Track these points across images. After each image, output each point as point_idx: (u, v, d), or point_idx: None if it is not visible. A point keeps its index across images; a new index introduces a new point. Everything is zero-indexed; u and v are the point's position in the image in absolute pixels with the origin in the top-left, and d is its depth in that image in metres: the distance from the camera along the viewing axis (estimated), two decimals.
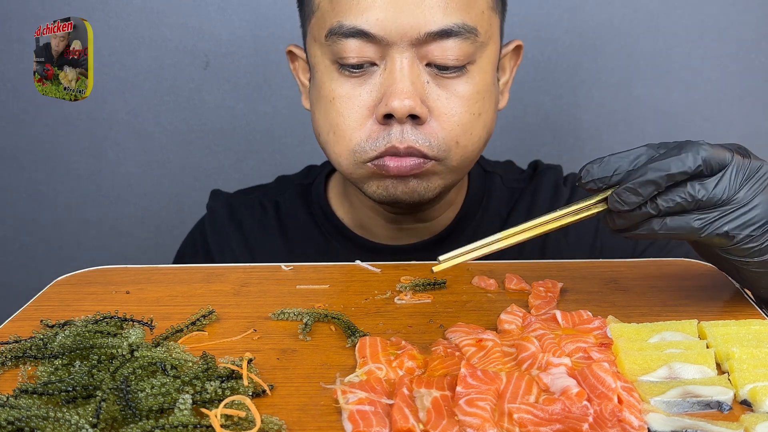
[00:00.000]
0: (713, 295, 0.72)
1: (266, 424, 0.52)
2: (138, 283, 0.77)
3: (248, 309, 0.71)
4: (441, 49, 0.78)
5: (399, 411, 0.52)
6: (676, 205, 0.60)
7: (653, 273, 0.77)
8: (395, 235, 0.96)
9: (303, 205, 1.00)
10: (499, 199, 0.98)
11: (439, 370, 0.59)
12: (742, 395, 0.55)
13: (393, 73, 0.78)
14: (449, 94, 0.80)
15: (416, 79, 0.79)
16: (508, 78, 0.92)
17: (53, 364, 0.59)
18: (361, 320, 0.69)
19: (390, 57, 0.78)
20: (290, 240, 0.99)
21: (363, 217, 0.96)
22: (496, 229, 0.96)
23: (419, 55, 0.79)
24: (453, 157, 0.82)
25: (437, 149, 0.80)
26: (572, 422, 0.51)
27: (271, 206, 1.01)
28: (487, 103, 0.83)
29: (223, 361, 0.59)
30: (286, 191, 1.02)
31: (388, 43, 0.78)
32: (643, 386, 0.55)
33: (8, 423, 0.49)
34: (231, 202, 1.03)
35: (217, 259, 0.99)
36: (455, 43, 0.78)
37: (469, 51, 0.79)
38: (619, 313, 0.68)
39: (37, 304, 0.73)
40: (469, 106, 0.81)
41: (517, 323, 0.67)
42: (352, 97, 0.81)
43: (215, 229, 1.01)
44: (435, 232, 0.95)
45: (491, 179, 1.00)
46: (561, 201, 0.98)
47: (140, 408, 0.52)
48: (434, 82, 0.80)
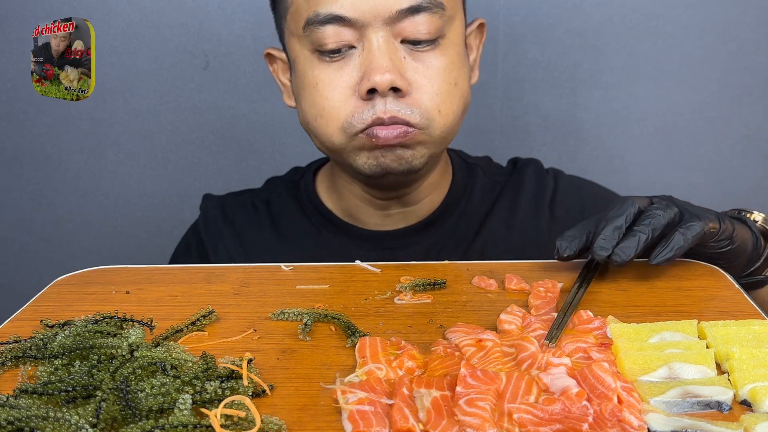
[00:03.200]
0: (713, 295, 0.72)
1: (266, 424, 0.52)
2: (138, 283, 0.77)
3: (248, 309, 0.71)
4: (413, 25, 0.83)
5: (399, 411, 0.52)
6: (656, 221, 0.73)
7: (653, 273, 0.77)
8: (383, 221, 0.99)
9: (293, 200, 1.03)
10: (483, 189, 1.02)
11: (439, 370, 0.59)
12: (741, 395, 0.55)
13: (371, 51, 0.83)
14: (426, 66, 0.85)
15: (393, 55, 0.83)
16: (476, 55, 0.96)
17: (53, 364, 0.59)
18: (361, 320, 0.69)
19: (366, 38, 0.83)
20: (282, 234, 1.01)
21: (351, 206, 0.99)
22: (480, 217, 1.01)
23: (394, 33, 0.83)
24: (436, 126, 0.86)
25: (420, 117, 0.84)
26: (572, 422, 0.51)
27: (262, 204, 1.04)
28: (461, 73, 0.88)
29: (223, 361, 0.59)
30: (275, 190, 1.06)
31: (364, 24, 0.82)
32: (643, 386, 0.55)
33: (8, 423, 0.49)
34: (223, 203, 1.06)
35: (211, 257, 1.02)
36: (425, 18, 0.83)
37: (438, 25, 0.84)
38: (619, 313, 0.68)
39: (37, 304, 0.73)
40: (445, 76, 0.85)
41: (517, 323, 0.67)
42: (335, 79, 0.85)
43: (209, 229, 1.04)
44: (422, 217, 0.98)
45: (473, 170, 1.03)
46: (546, 190, 1.01)
47: (140, 408, 0.53)
48: (410, 57, 0.84)
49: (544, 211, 1.00)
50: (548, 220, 0.99)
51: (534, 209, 1.00)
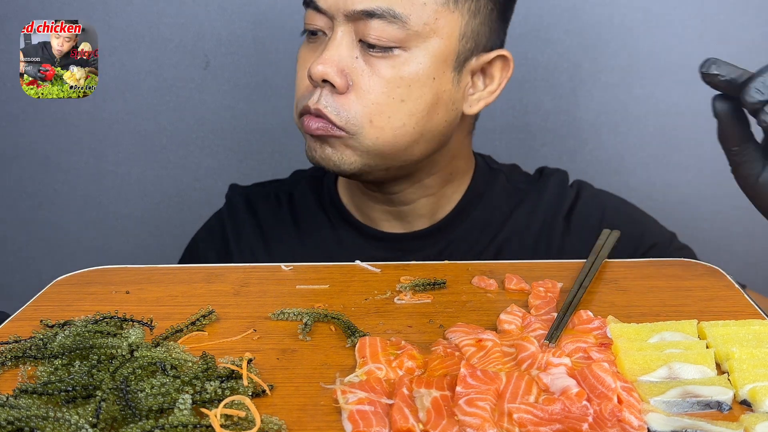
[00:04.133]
0: (713, 295, 0.72)
1: (266, 424, 0.52)
2: (138, 283, 0.77)
3: (248, 309, 0.71)
4: (368, 28, 0.83)
5: (399, 411, 0.52)
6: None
7: (653, 273, 0.77)
8: (396, 223, 0.99)
9: (314, 195, 1.04)
10: (500, 195, 1.00)
11: (439, 370, 0.59)
12: (741, 395, 0.55)
13: (329, 42, 0.84)
14: (372, 72, 0.84)
15: (346, 51, 0.84)
16: (495, 88, 0.91)
17: (53, 364, 0.59)
18: (361, 320, 0.69)
19: (333, 28, 0.84)
20: (302, 229, 1.02)
21: (364, 205, 0.99)
22: (496, 223, 0.98)
23: (356, 30, 0.84)
24: (366, 135, 0.84)
25: (345, 120, 0.84)
26: (572, 422, 0.51)
27: (285, 197, 1.05)
28: (415, 93, 0.84)
29: (223, 361, 0.59)
30: (299, 183, 1.06)
31: (330, 15, 0.84)
32: (643, 386, 0.55)
33: (8, 423, 0.49)
34: (248, 193, 1.08)
35: (233, 244, 1.03)
36: (378, 24, 0.82)
37: (393, 35, 0.82)
38: (619, 313, 0.68)
39: (37, 304, 0.73)
40: (388, 88, 0.83)
41: (516, 323, 0.67)
42: (306, 60, 0.87)
43: (232, 217, 1.05)
44: (436, 220, 0.98)
45: (495, 176, 1.02)
46: (565, 202, 1.00)
47: (140, 408, 0.53)
48: (363, 59, 0.84)
49: (559, 223, 0.98)
50: (562, 232, 0.98)
51: (550, 221, 0.98)
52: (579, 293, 0.71)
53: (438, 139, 0.89)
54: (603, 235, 0.83)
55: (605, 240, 0.82)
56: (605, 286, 0.75)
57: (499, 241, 0.98)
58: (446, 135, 0.90)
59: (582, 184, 1.04)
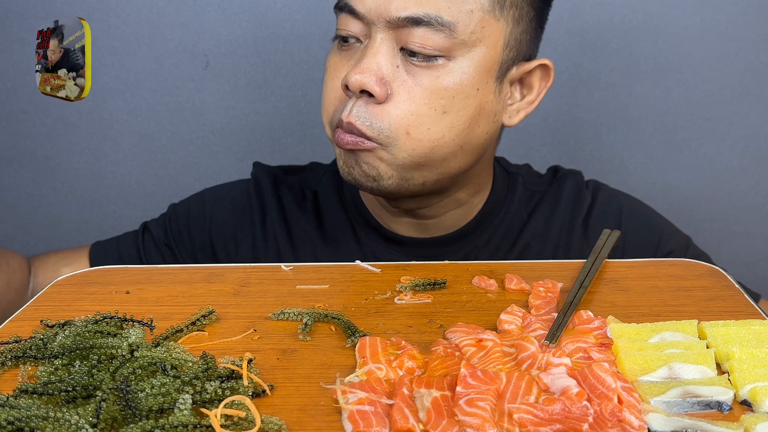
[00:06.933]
0: (713, 295, 0.72)
1: (266, 424, 0.52)
2: (138, 283, 0.77)
3: (248, 309, 0.71)
4: (411, 35, 0.79)
5: (399, 411, 0.52)
6: None
7: (653, 273, 0.77)
8: (417, 228, 0.96)
9: (337, 194, 1.01)
10: (520, 200, 0.98)
11: (439, 370, 0.59)
12: (742, 395, 0.55)
13: (366, 49, 0.81)
14: (414, 82, 0.80)
15: (387, 60, 0.80)
16: (534, 98, 0.89)
17: (53, 364, 0.59)
18: (361, 320, 0.69)
19: (371, 36, 0.81)
20: (324, 226, 0.99)
21: (385, 215, 0.96)
22: (516, 228, 0.97)
23: (397, 38, 0.80)
24: (401, 147, 0.80)
25: (378, 131, 0.80)
26: (572, 422, 0.51)
27: (310, 194, 1.02)
28: (458, 104, 0.81)
29: (223, 361, 0.59)
30: (322, 180, 1.03)
31: (369, 21, 0.80)
32: (643, 386, 0.55)
33: (8, 423, 0.49)
34: (275, 175, 1.04)
35: (257, 222, 1.00)
36: (424, 32, 0.78)
37: (439, 43, 0.79)
38: (619, 313, 0.68)
39: (36, 304, 0.73)
40: (430, 99, 0.80)
41: (517, 323, 0.67)
42: (337, 68, 0.83)
43: (259, 194, 1.02)
44: (457, 227, 0.96)
45: (514, 180, 1.00)
46: (582, 206, 0.98)
47: (140, 408, 0.52)
48: (404, 68, 0.80)
49: (577, 228, 0.97)
50: (581, 237, 0.97)
51: (568, 225, 0.97)
52: (579, 293, 0.71)
53: (477, 152, 0.86)
54: (603, 235, 0.83)
55: (605, 240, 0.82)
56: (605, 286, 0.75)
57: (520, 246, 0.96)
58: (485, 147, 0.87)
59: (597, 185, 1.02)
